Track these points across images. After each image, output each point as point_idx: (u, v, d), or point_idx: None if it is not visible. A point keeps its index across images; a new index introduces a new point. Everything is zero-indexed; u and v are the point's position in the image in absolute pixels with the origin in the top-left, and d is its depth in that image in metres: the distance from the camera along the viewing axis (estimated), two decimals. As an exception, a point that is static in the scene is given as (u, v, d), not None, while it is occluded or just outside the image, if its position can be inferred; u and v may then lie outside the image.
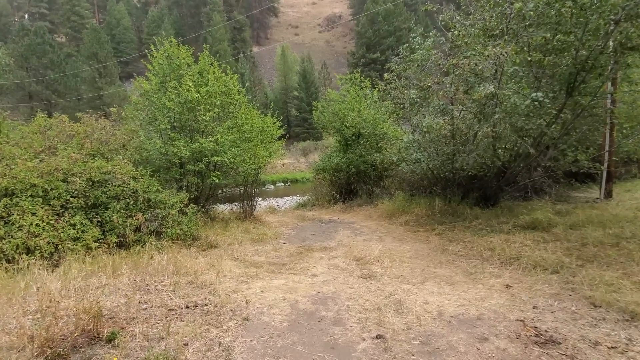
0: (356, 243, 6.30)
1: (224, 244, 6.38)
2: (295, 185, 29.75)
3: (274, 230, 7.79)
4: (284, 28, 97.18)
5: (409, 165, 7.56)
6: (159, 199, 6.36)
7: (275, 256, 5.65)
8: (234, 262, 5.03)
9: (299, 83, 47.81)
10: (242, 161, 7.74)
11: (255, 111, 8.76)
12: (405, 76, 8.77)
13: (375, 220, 8.50)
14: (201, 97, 7.35)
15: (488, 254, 4.89)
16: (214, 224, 7.74)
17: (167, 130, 7.10)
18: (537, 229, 5.95)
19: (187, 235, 6.34)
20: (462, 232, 6.33)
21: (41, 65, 35.34)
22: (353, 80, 11.54)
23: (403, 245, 5.98)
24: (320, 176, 12.69)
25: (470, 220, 7.04)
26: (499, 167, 7.54)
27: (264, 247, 6.27)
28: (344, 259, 5.32)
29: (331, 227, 8.13)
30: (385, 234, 7.04)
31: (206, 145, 7.13)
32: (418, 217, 7.68)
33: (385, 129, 10.38)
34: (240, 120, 8.18)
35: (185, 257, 5.04)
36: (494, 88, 5.09)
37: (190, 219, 6.60)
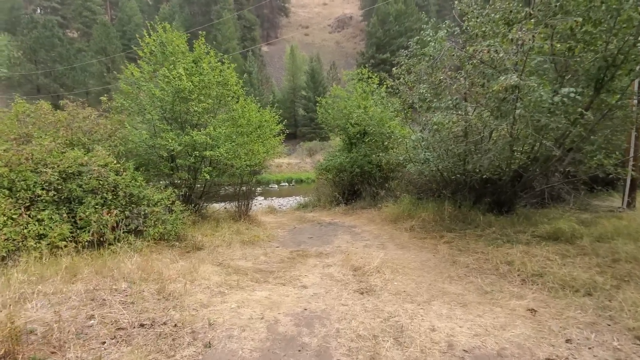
0: (355, 249, 5.71)
1: (211, 246, 5.83)
2: (300, 186, 29.23)
3: (269, 232, 7.23)
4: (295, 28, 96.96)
5: (417, 166, 6.94)
6: (142, 194, 5.85)
7: (264, 262, 5.08)
8: (215, 268, 4.47)
9: (307, 83, 47.32)
10: (237, 157, 7.20)
11: (254, 104, 8.21)
12: (415, 72, 8.18)
13: (379, 224, 7.89)
14: (194, 87, 6.83)
15: (506, 268, 4.25)
16: (205, 223, 7.20)
17: (156, 121, 6.59)
18: (560, 241, 5.28)
19: (170, 235, 5.81)
20: (474, 241, 5.69)
21: (49, 58, 35.43)
22: (360, 76, 10.94)
23: (407, 254, 5.36)
24: (323, 176, 12.11)
25: (483, 228, 6.38)
26: (515, 170, 6.88)
27: (254, 250, 5.71)
28: (340, 267, 4.72)
29: (330, 231, 7.54)
30: (389, 240, 6.43)
31: (198, 138, 6.60)
32: (425, 223, 7.05)
33: (392, 127, 9.76)
34: (237, 114, 7.64)
35: (161, 261, 4.50)
36: (517, 78, 4.45)
37: (176, 217, 6.08)
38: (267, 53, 76.09)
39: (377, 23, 43.82)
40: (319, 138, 42.53)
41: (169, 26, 7.19)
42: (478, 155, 6.36)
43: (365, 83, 10.87)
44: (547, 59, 5.33)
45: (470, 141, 6.94)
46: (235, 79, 7.82)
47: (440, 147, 7.02)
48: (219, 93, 7.50)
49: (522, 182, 7.15)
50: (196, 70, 7.13)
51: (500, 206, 7.56)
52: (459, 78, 6.51)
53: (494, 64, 5.72)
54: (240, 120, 7.63)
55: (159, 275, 3.83)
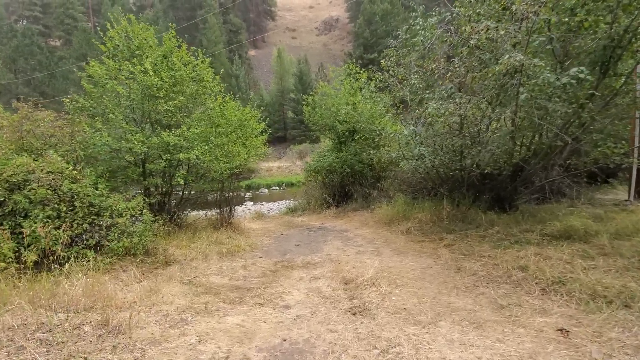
0: (347, 257, 5.09)
1: (184, 260, 5.16)
2: (291, 189, 28.56)
3: (252, 241, 6.57)
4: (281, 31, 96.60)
5: (411, 163, 6.37)
6: (104, 204, 5.17)
7: (243, 276, 4.42)
8: (182, 288, 3.81)
9: (295, 85, 46.74)
10: (215, 159, 6.54)
11: (233, 102, 7.57)
12: (405, 63, 7.65)
13: (372, 227, 7.29)
14: (163, 83, 6.17)
15: (520, 275, 3.68)
16: (181, 233, 6.52)
17: (120, 122, 5.90)
18: (573, 239, 4.74)
19: (137, 249, 5.12)
20: (478, 244, 5.12)
21: (29, 67, 34.26)
22: (348, 71, 10.38)
23: (405, 261, 4.77)
24: (313, 178, 11.50)
25: (485, 227, 5.84)
26: (515, 164, 6.38)
27: (233, 263, 5.05)
28: (329, 280, 4.10)
29: (320, 236, 6.91)
30: (383, 244, 5.83)
31: (169, 139, 5.93)
32: (422, 224, 6.48)
33: (383, 124, 9.20)
34: (214, 112, 6.98)
35: (119, 281, 3.82)
36: (522, 57, 3.90)
37: (145, 229, 5.39)
38: (254, 57, 75.46)
39: (364, 23, 43.57)
40: (309, 140, 41.93)
41: (134, 17, 6.51)
42: (477, 148, 5.82)
43: (353, 79, 10.33)
44: (548, 39, 4.81)
45: (467, 134, 6.41)
46: (212, 75, 7.17)
47: (435, 142, 6.47)
48: (193, 90, 6.85)
49: (523, 177, 6.64)
50: (166, 66, 6.47)
51: (501, 203, 7.04)
52: (454, 65, 5.99)
53: (491, 46, 5.20)
54: (218, 119, 6.98)
55: (108, 302, 3.16)
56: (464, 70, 5.43)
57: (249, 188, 29.31)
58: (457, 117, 5.12)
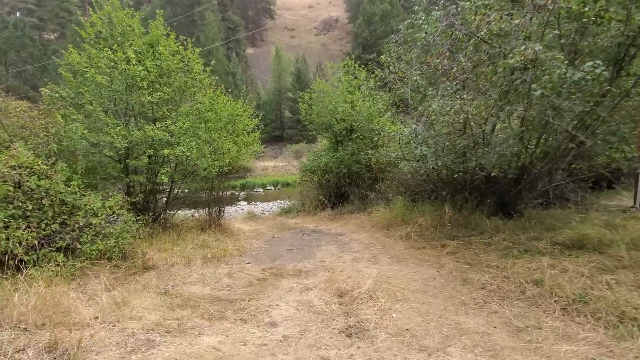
0: (342, 265, 4.69)
1: (165, 265, 4.73)
2: (286, 189, 28.13)
3: (241, 244, 6.14)
4: (280, 30, 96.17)
5: (411, 164, 5.98)
6: (78, 202, 4.73)
7: (227, 286, 4.00)
8: (155, 300, 3.38)
9: (293, 84, 46.31)
10: (202, 156, 6.11)
11: (224, 96, 7.14)
12: (407, 60, 7.29)
13: (369, 231, 6.90)
14: (148, 73, 5.74)
15: (534, 290, 3.30)
16: (165, 235, 6.08)
17: (99, 114, 5.45)
18: (587, 249, 4.38)
19: (114, 252, 4.69)
20: (484, 252, 4.75)
21: (20, 59, 33.50)
22: (347, 69, 9.99)
23: (405, 270, 4.37)
24: (308, 178, 11.09)
25: (490, 234, 5.46)
26: (521, 166, 6.03)
27: (218, 269, 4.62)
28: (322, 291, 3.70)
29: (314, 240, 6.50)
30: (382, 251, 5.44)
31: (152, 133, 5.49)
32: (422, 229, 6.09)
33: (381, 123, 8.81)
34: (203, 106, 6.55)
35: (85, 290, 3.39)
36: (540, 47, 3.52)
37: (123, 230, 4.96)
38: (252, 55, 74.94)
39: (363, 23, 43.26)
40: (306, 140, 41.51)
41: (117, 2, 6.06)
42: (483, 149, 5.45)
43: (352, 76, 9.94)
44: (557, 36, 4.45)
45: (472, 134, 6.05)
46: (201, 66, 6.74)
47: (437, 142, 6.09)
48: (181, 82, 6.41)
49: (529, 181, 6.29)
50: (152, 55, 6.04)
51: (504, 208, 6.68)
52: (459, 61, 5.62)
53: (500, 41, 4.83)
54: (207, 113, 6.55)
55: (65, 317, 2.73)
56: (470, 65, 5.05)
57: (243, 187, 28.86)
58: (463, 115, 4.72)
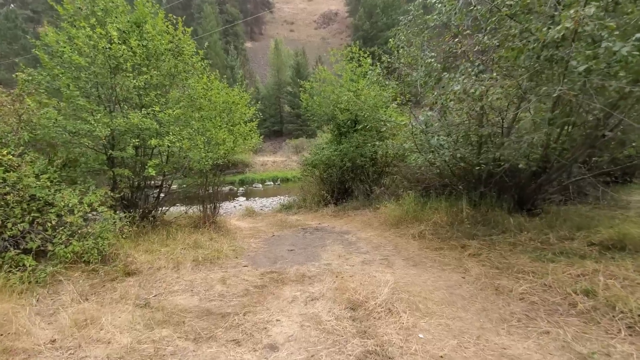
0: (351, 269, 4.13)
1: (150, 269, 4.16)
2: (286, 185, 27.59)
3: (237, 244, 5.58)
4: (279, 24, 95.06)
5: (425, 156, 5.41)
6: (52, 198, 4.17)
7: (220, 295, 3.44)
8: (134, 314, 2.82)
9: (292, 78, 45.53)
10: (195, 147, 5.53)
11: (219, 82, 6.53)
12: (416, 45, 6.71)
13: (377, 229, 6.34)
14: (132, 54, 5.13)
15: (587, 303, 2.74)
16: (153, 234, 5.51)
17: (77, 99, 4.85)
18: (629, 251, 3.84)
19: (92, 254, 4.12)
20: (512, 253, 4.19)
21: (12, 51, 32.68)
22: (351, 55, 9.37)
23: (425, 275, 3.82)
24: (309, 173, 10.52)
25: (514, 233, 4.91)
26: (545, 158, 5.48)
27: (210, 274, 4.07)
28: (331, 302, 3.14)
29: (317, 239, 5.95)
30: (394, 252, 4.88)
31: (137, 121, 4.90)
32: (437, 227, 5.54)
33: (388, 113, 8.21)
34: (195, 92, 5.95)
35: (46, 303, 2.83)
36: (593, 10, 2.93)
37: (103, 229, 4.39)
38: (250, 49, 73.97)
39: (364, 15, 42.41)
40: (306, 135, 40.90)
41: (99, -26, 5.43)
42: (509, 138, 4.88)
43: (356, 63, 9.32)
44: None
45: (493, 122, 5.47)
46: (194, 49, 6.13)
47: (452, 131, 5.52)
48: (171, 65, 5.80)
49: (551, 173, 5.73)
50: (138, 34, 5.43)
51: (522, 204, 6.14)
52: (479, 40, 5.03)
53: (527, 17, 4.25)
54: (200, 100, 5.95)
55: (14, 340, 2.17)
56: (496, 42, 4.46)
57: (242, 183, 28.29)
58: (489, 98, 4.14)
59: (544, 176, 5.73)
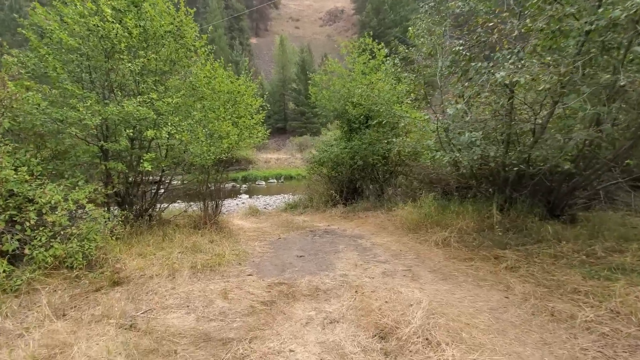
0: (372, 281, 3.60)
1: (142, 278, 3.65)
2: (290, 182, 27.12)
3: (241, 248, 5.06)
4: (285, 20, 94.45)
5: (450, 155, 4.85)
6: (32, 194, 3.66)
7: (221, 313, 2.92)
8: (114, 340, 2.30)
9: (297, 74, 45.00)
10: (195, 139, 5.01)
11: (223, 70, 6.00)
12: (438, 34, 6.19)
13: (393, 234, 5.80)
14: (127, 35, 4.61)
15: (681, 340, 2.20)
16: (149, 235, 5.00)
17: (65, 83, 4.34)
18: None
19: (76, 259, 3.62)
20: (555, 267, 3.65)
21: (16, 42, 32.28)
22: (364, 46, 8.82)
23: (459, 292, 3.27)
24: (317, 171, 9.98)
25: (551, 242, 4.36)
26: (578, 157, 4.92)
27: (210, 284, 3.54)
28: (354, 327, 2.61)
29: (328, 244, 5.41)
30: (416, 261, 4.34)
31: (132, 109, 4.38)
32: (462, 234, 4.99)
33: (404, 108, 7.64)
34: (197, 80, 5.42)
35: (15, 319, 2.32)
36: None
37: (90, 229, 3.89)
38: (255, 45, 73.45)
39: (372, 12, 41.69)
40: (310, 133, 40.36)
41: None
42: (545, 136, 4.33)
43: (369, 55, 8.76)
44: None
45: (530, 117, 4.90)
46: (196, 32, 5.59)
47: (484, 127, 4.96)
48: (171, 49, 5.28)
49: (588, 175, 5.17)
50: (135, 15, 4.90)
51: (553, 209, 5.59)
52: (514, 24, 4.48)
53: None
54: (203, 89, 5.42)
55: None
56: (542, 24, 3.89)
57: (245, 180, 27.83)
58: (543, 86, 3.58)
59: (577, 179, 5.17)
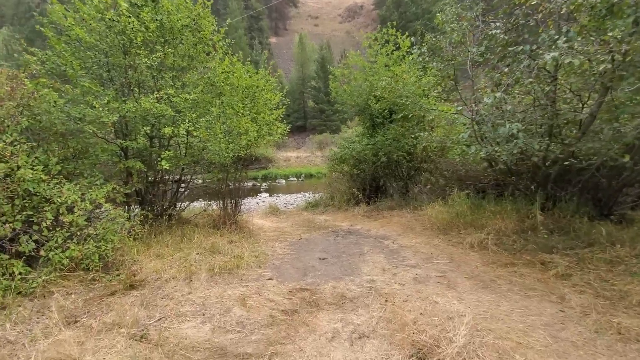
0: (402, 289, 3.27)
1: (159, 281, 3.48)
2: (310, 181, 26.91)
3: (260, 249, 4.84)
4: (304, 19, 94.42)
5: (488, 148, 4.43)
6: (49, 194, 3.58)
7: (238, 322, 2.68)
8: (123, 352, 2.10)
9: (316, 72, 44.75)
10: (213, 136, 4.82)
11: (241, 64, 5.80)
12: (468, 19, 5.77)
13: (422, 235, 5.42)
14: (145, 30, 4.48)
15: None
16: (167, 234, 4.87)
17: (82, 80, 4.25)
18: None
19: (93, 261, 3.50)
20: (613, 275, 3.19)
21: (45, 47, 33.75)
22: (387, 37, 8.42)
23: (505, 304, 2.89)
24: (338, 169, 9.67)
25: (603, 245, 3.87)
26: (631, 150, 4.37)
27: (228, 289, 3.32)
28: (387, 345, 2.31)
29: (352, 245, 5.11)
30: (451, 266, 3.96)
31: (148, 106, 4.24)
32: (500, 235, 4.55)
33: (430, 103, 7.19)
34: (214, 75, 5.23)
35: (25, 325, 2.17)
36: None
37: (108, 230, 3.77)
38: (275, 44, 73.78)
39: (392, 5, 40.77)
40: (330, 130, 40.06)
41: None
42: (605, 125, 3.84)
43: (392, 46, 8.35)
44: None
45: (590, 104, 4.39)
46: (214, 25, 5.41)
47: (527, 117, 4.50)
48: (189, 44, 5.11)
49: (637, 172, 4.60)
50: (151, 8, 4.76)
51: (601, 208, 5.04)
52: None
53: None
54: (220, 84, 5.24)
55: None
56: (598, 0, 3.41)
57: (265, 178, 27.86)
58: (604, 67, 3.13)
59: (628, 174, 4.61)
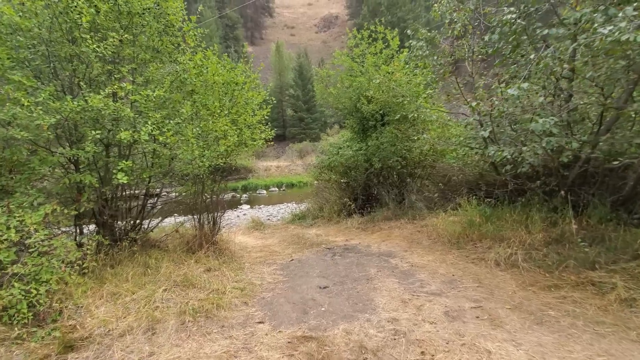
0: (436, 330, 2.50)
1: (109, 336, 2.55)
2: (291, 191, 26.03)
3: (246, 277, 3.96)
4: (280, 28, 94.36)
5: (511, 149, 3.80)
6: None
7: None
8: None
9: (294, 80, 44.21)
10: (185, 142, 3.95)
11: (216, 57, 4.97)
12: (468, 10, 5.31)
13: (432, 250, 4.71)
14: (93, 11, 3.59)
15: None
16: (131, 261, 3.91)
17: (11, 73, 3.30)
18: None
19: (20, 311, 2.54)
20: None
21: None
22: (374, 35, 7.83)
23: (577, 349, 2.18)
24: (325, 177, 8.91)
25: (653, 258, 3.28)
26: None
27: (205, 344, 2.44)
28: None
29: (354, 266, 4.31)
30: (482, 291, 3.24)
31: (97, 103, 3.33)
32: (528, 249, 3.90)
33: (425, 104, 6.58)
34: (184, 71, 4.37)
35: None
36: None
37: (42, 268, 2.82)
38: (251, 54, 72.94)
39: (368, 14, 41.06)
40: (309, 139, 39.47)
41: None
42: None
43: (381, 44, 7.77)
44: None
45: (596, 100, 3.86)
46: (183, 13, 4.57)
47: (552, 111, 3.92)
48: (152, 33, 4.25)
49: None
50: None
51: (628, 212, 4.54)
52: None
53: None
54: (191, 79, 4.38)
55: None
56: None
57: (245, 189, 26.73)
58: None
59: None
